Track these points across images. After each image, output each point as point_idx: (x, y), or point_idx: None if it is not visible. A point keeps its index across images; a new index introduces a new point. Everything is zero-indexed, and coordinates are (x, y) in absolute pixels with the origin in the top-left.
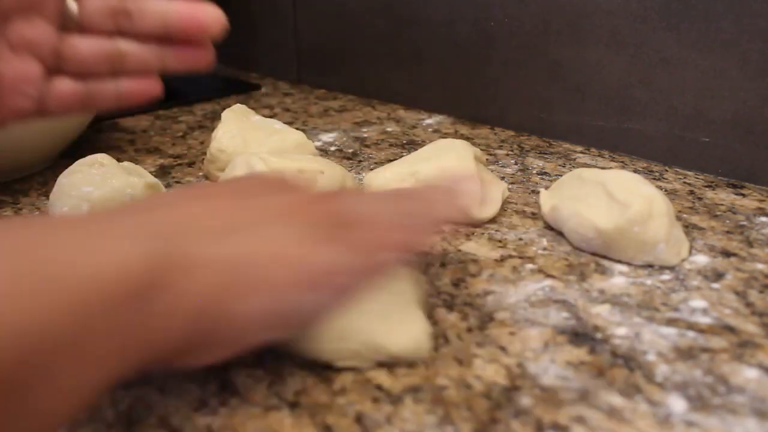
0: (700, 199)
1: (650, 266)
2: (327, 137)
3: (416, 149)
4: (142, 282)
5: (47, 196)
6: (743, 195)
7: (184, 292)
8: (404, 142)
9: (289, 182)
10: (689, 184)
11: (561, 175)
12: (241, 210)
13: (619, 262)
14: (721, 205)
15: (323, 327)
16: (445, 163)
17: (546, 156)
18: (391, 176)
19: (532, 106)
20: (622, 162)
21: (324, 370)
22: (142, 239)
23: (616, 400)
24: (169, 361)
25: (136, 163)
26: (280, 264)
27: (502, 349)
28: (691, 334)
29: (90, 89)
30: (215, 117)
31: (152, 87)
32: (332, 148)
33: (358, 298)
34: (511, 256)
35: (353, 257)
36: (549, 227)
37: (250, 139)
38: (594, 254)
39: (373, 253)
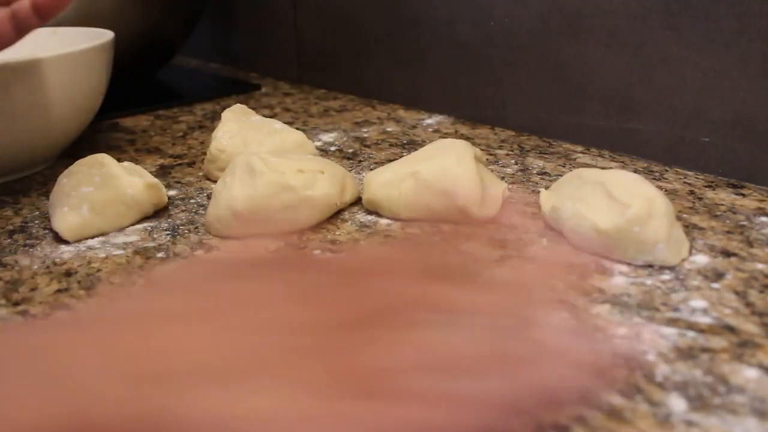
0: (700, 199)
1: (650, 266)
2: (327, 137)
3: (416, 149)
4: None
5: (47, 196)
6: (743, 195)
7: None
8: (404, 142)
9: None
10: (689, 184)
11: (561, 175)
12: (241, 341)
13: (619, 262)
14: (721, 205)
15: None
16: (445, 163)
17: (546, 156)
18: (391, 176)
19: (532, 106)
20: (622, 162)
21: None
22: (120, 393)
23: (616, 400)
24: None
25: (136, 163)
26: None
27: None
28: (691, 334)
29: (13, 10)
30: (215, 117)
31: None
32: (332, 148)
33: None
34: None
35: None
36: (549, 227)
37: (250, 139)
38: (594, 254)
39: None
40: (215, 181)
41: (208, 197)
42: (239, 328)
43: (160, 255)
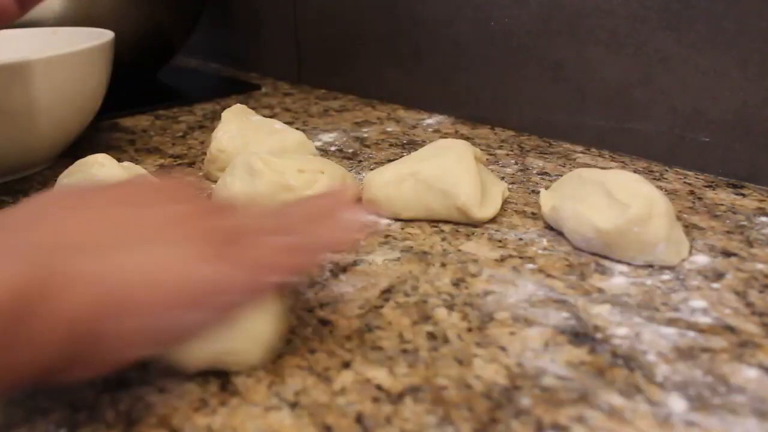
0: (700, 199)
1: (650, 266)
2: (327, 137)
3: (416, 149)
4: (16, 303)
5: None
6: (743, 195)
7: (57, 311)
8: (404, 142)
9: (176, 190)
10: (689, 184)
11: (561, 175)
12: (120, 224)
13: (619, 262)
14: (721, 205)
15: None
16: (445, 163)
17: (546, 156)
18: (391, 176)
19: (532, 106)
20: (622, 162)
21: (324, 370)
22: (14, 260)
23: (616, 400)
24: (44, 377)
25: (136, 163)
26: (161, 284)
27: (502, 349)
28: (691, 334)
29: None
30: (215, 117)
31: None
32: (332, 148)
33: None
34: (511, 256)
35: (238, 276)
36: (549, 227)
37: (250, 139)
38: (594, 254)
39: (259, 273)
40: (215, 181)
41: (208, 197)
42: (123, 216)
43: None
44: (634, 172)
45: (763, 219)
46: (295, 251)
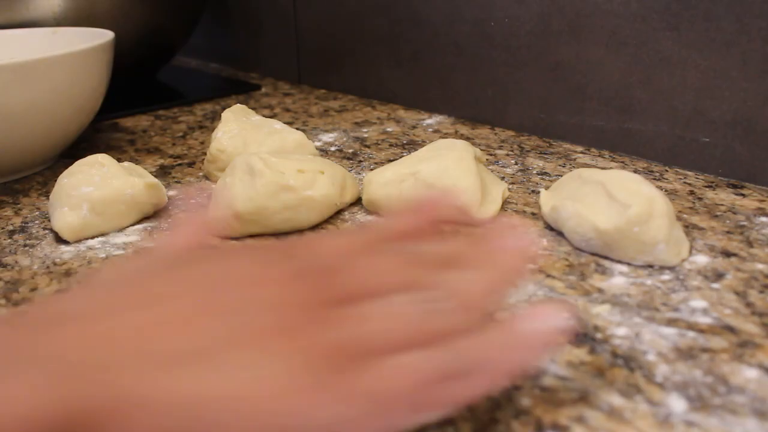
0: (700, 199)
1: (650, 266)
2: (327, 137)
3: (416, 149)
4: None
5: (47, 196)
6: (743, 195)
7: None
8: (404, 142)
9: (299, 268)
10: (689, 184)
11: (561, 175)
12: (203, 322)
13: (619, 262)
14: (721, 205)
15: None
16: (445, 163)
17: (546, 156)
18: (391, 176)
19: (532, 106)
20: (622, 162)
21: None
22: (52, 383)
23: (616, 400)
24: None
25: (136, 163)
26: (250, 421)
27: None
28: (691, 334)
29: None
30: (215, 117)
31: None
32: (332, 148)
33: None
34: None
35: (363, 416)
36: (549, 227)
37: (250, 139)
38: (594, 254)
39: (391, 412)
40: (215, 182)
41: (208, 197)
42: (204, 309)
43: None
44: (634, 172)
45: (763, 219)
46: (451, 379)
